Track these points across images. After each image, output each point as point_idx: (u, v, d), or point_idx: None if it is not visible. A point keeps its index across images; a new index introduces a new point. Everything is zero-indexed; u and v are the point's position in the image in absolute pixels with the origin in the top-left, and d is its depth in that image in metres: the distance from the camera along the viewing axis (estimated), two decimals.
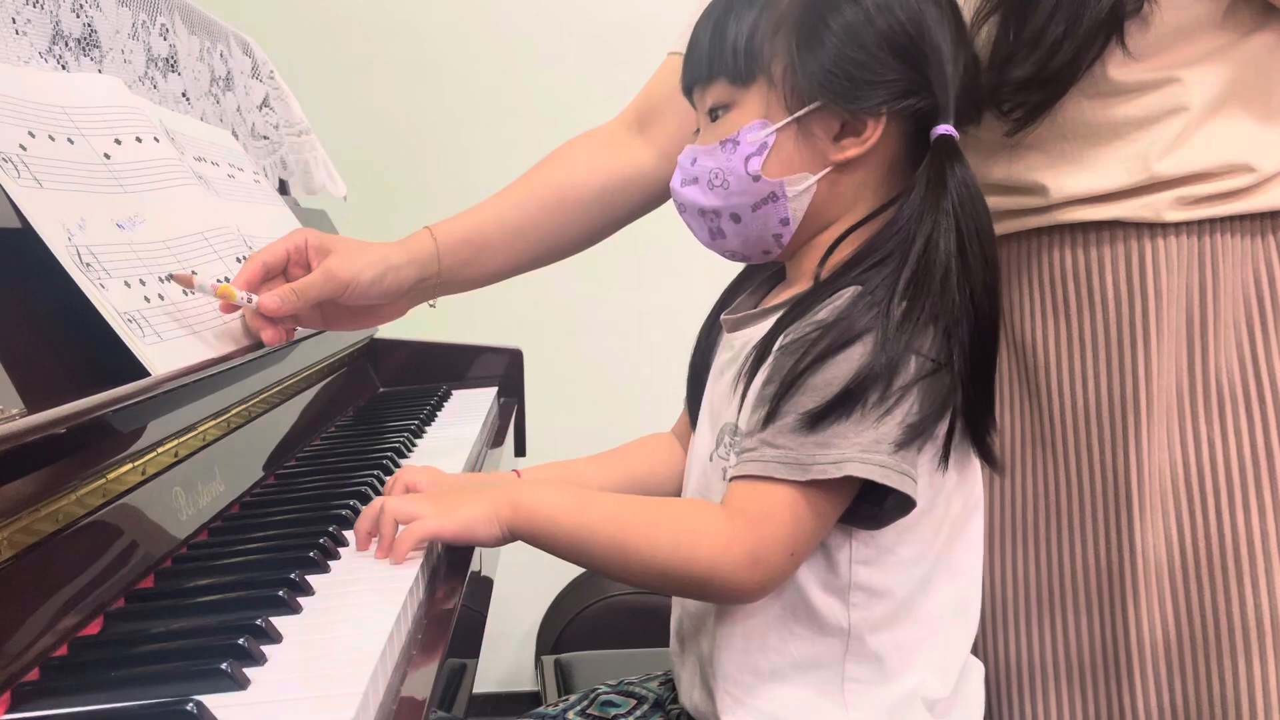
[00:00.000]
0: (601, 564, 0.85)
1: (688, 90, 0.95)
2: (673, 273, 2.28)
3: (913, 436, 0.80)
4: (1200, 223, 0.97)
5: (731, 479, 0.84)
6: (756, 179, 0.88)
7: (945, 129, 0.86)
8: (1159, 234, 0.97)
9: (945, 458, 0.84)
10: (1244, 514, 0.97)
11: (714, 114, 0.91)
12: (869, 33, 0.85)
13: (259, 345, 1.05)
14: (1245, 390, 0.98)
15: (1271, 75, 0.97)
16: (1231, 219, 0.98)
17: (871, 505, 0.82)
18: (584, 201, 1.16)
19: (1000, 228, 1.00)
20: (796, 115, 0.87)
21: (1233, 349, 0.98)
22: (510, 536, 0.84)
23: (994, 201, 0.98)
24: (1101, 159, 0.98)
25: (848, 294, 0.83)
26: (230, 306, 1.02)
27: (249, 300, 1.00)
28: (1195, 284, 0.98)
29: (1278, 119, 0.98)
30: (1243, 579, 0.97)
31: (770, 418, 0.81)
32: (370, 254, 1.06)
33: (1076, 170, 0.99)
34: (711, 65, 0.91)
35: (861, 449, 0.79)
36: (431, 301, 1.15)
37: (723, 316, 0.97)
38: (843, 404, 0.79)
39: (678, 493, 1.04)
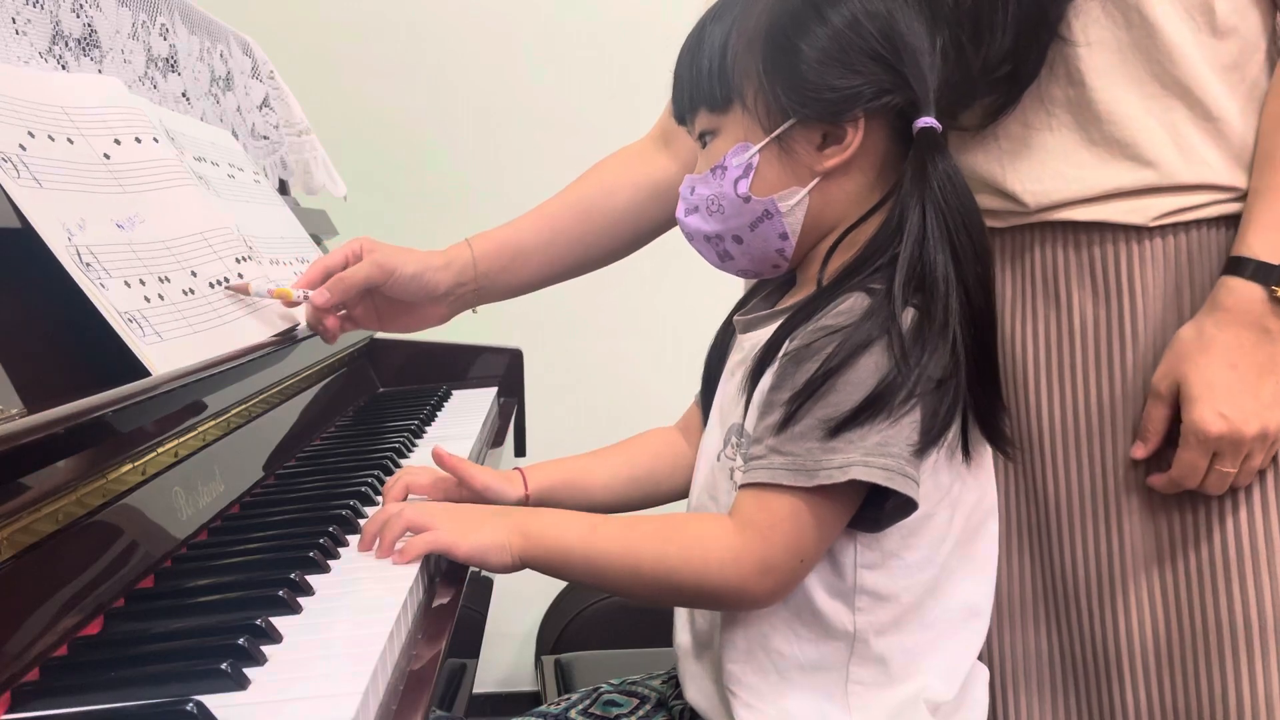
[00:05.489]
0: (614, 585, 0.86)
1: (679, 120, 0.96)
2: (675, 273, 2.28)
3: (921, 443, 0.80)
4: (1184, 224, 0.98)
5: (740, 487, 0.84)
6: (748, 200, 0.89)
7: (927, 121, 0.86)
8: (1145, 236, 0.98)
9: (966, 452, 0.85)
10: (1233, 513, 0.97)
11: (703, 140, 0.93)
12: (835, 48, 0.85)
13: (259, 345, 1.06)
14: None
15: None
16: (1212, 220, 0.98)
17: (873, 508, 0.82)
18: (615, 211, 1.20)
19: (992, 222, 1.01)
20: (774, 134, 0.87)
21: None
22: (521, 565, 0.85)
23: (983, 200, 0.99)
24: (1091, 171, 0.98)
25: (852, 299, 0.83)
26: (290, 304, 1.12)
27: (304, 296, 1.10)
28: (1172, 282, 0.98)
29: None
30: (1232, 579, 0.97)
31: (785, 424, 0.81)
32: (413, 254, 1.14)
33: (1059, 185, 0.98)
34: (691, 95, 0.92)
35: (865, 452, 0.79)
36: (474, 309, 1.20)
37: (735, 317, 0.98)
38: (862, 412, 0.79)
39: (682, 486, 1.05)
